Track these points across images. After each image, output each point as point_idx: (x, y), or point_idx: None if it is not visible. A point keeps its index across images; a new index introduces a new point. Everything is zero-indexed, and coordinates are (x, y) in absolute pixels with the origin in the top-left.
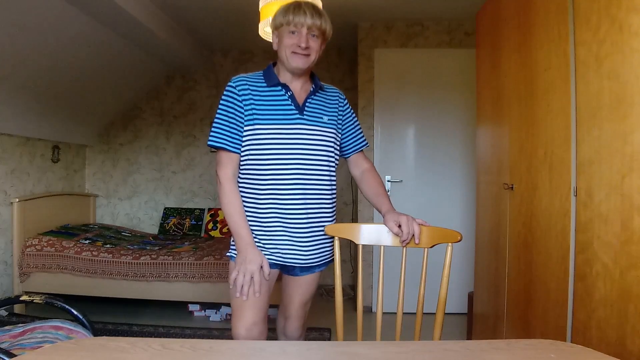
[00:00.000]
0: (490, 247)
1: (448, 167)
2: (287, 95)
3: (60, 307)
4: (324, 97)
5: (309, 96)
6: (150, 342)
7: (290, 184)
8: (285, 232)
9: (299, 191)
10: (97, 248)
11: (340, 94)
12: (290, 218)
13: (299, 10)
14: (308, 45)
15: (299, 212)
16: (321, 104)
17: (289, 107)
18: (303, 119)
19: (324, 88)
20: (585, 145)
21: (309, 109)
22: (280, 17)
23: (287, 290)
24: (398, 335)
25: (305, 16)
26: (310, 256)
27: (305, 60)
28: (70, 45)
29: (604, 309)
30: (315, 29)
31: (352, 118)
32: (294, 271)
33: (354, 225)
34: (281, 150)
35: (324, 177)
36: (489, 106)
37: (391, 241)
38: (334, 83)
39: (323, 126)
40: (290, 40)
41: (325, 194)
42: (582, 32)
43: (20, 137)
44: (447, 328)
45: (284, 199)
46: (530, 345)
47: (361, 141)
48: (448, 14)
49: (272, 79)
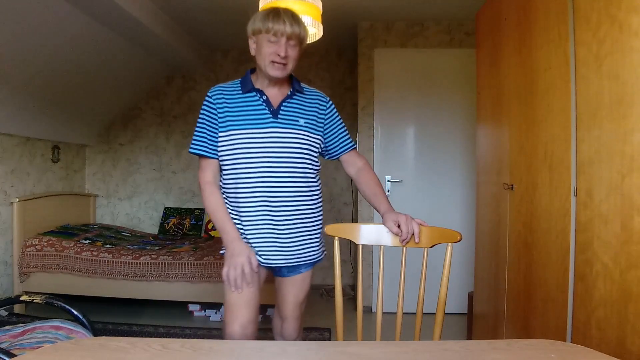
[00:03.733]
0: (490, 247)
1: (448, 167)
2: (261, 100)
3: (60, 307)
4: (302, 100)
5: (285, 99)
6: (150, 342)
7: (267, 189)
8: (266, 234)
9: (276, 196)
10: (97, 248)
11: (322, 97)
12: (268, 220)
13: (279, 18)
14: (287, 54)
15: (278, 216)
16: (298, 107)
17: (263, 112)
18: (277, 122)
19: (304, 91)
20: (585, 145)
21: (284, 112)
22: (259, 24)
23: (281, 291)
24: (398, 335)
25: (285, 25)
26: (293, 256)
27: (283, 71)
28: (70, 45)
29: (604, 309)
30: (294, 37)
31: (337, 121)
32: (281, 272)
33: (354, 225)
34: (255, 153)
35: (302, 180)
36: (489, 106)
37: (391, 241)
38: (334, 83)
39: (298, 129)
40: (269, 49)
41: (305, 196)
42: (582, 32)
43: (20, 137)
44: (447, 328)
45: (262, 201)
46: (530, 345)
47: (347, 142)
48: (448, 14)
49: (247, 85)
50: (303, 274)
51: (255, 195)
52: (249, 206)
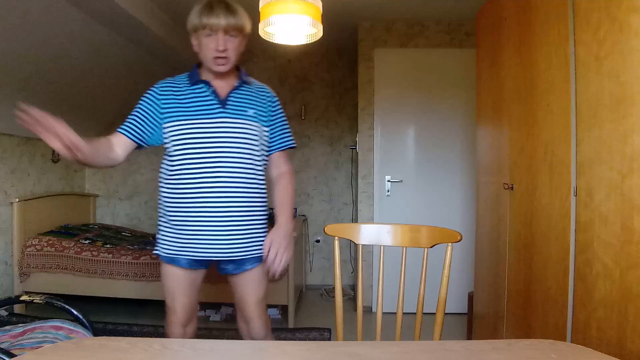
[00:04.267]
0: (490, 247)
1: (448, 167)
2: (209, 91)
3: (60, 307)
4: (250, 91)
5: (233, 90)
6: (150, 342)
7: (213, 176)
8: (209, 225)
9: (222, 183)
10: (97, 248)
11: (269, 92)
12: (214, 210)
13: (212, 11)
14: (226, 47)
15: (222, 204)
16: (247, 98)
17: (211, 102)
18: (225, 112)
19: (252, 83)
20: (585, 145)
21: (232, 102)
22: (195, 20)
23: (238, 292)
24: (398, 335)
25: (219, 18)
26: (237, 249)
27: (225, 65)
28: (70, 45)
29: (604, 309)
30: (230, 29)
31: (282, 117)
32: (228, 268)
33: (354, 225)
34: (204, 143)
35: (249, 170)
36: (489, 106)
37: (391, 241)
38: (334, 83)
39: (247, 119)
40: (208, 44)
41: (251, 188)
42: (582, 32)
43: (20, 137)
44: (447, 328)
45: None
46: (530, 345)
47: (287, 139)
48: (448, 14)
49: (194, 77)
50: (255, 270)
51: (203, 185)
52: (196, 196)
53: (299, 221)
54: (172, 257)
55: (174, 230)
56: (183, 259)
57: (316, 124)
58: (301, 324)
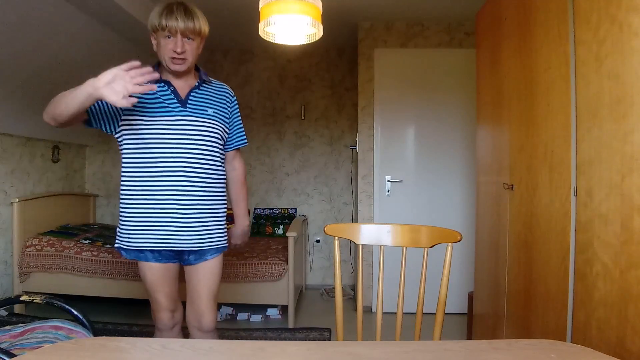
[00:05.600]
0: (490, 247)
1: (448, 167)
2: (169, 90)
3: (60, 307)
4: (210, 91)
5: (193, 90)
6: (150, 342)
7: (175, 174)
8: (172, 217)
9: (183, 179)
10: (97, 248)
11: (228, 90)
12: (177, 206)
13: (171, 14)
14: (184, 49)
15: (185, 200)
16: (206, 97)
17: (171, 101)
18: (186, 111)
19: (212, 82)
20: (585, 145)
21: (193, 101)
22: (155, 20)
23: (191, 283)
24: (398, 335)
25: (177, 21)
26: (199, 239)
27: (182, 65)
28: (69, 45)
29: (604, 309)
30: (189, 32)
31: (238, 115)
32: (189, 259)
33: (354, 225)
34: (165, 141)
35: (209, 167)
36: (489, 106)
37: (391, 241)
38: (334, 83)
39: (207, 118)
40: (167, 45)
41: (212, 183)
42: (582, 32)
43: (20, 137)
44: (447, 328)
45: (170, 186)
46: (530, 345)
47: (241, 138)
48: (448, 14)
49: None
50: (212, 260)
51: (163, 181)
52: (155, 191)
53: (299, 221)
54: (136, 249)
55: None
56: (148, 253)
57: (316, 124)
58: (301, 324)
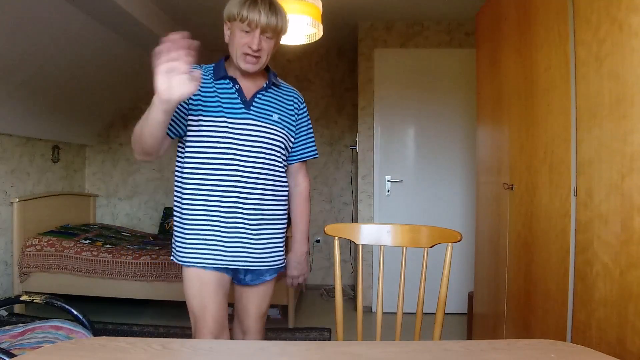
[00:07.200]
0: (490, 247)
1: (448, 167)
2: (234, 88)
3: (60, 307)
4: (277, 94)
5: (259, 92)
6: (150, 342)
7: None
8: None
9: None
10: (97, 248)
11: (298, 96)
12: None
13: (255, 6)
14: (260, 47)
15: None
16: (273, 101)
17: (235, 101)
18: (249, 114)
19: (280, 86)
20: (585, 145)
21: (257, 104)
22: (234, 9)
23: (242, 301)
24: (398, 335)
25: (260, 15)
26: (261, 259)
27: (254, 65)
28: (70, 45)
29: (604, 309)
30: (269, 30)
31: (307, 124)
32: (245, 279)
33: (354, 225)
34: (225, 143)
35: (271, 176)
36: (489, 106)
37: (391, 241)
38: (334, 83)
39: (272, 124)
40: (242, 39)
41: (273, 193)
42: (582, 32)
43: (20, 137)
44: (447, 328)
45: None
46: (530, 345)
47: (310, 150)
48: (448, 14)
49: (220, 72)
50: (267, 283)
51: (225, 189)
52: (217, 199)
53: None
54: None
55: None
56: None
57: (316, 124)
58: (301, 324)
